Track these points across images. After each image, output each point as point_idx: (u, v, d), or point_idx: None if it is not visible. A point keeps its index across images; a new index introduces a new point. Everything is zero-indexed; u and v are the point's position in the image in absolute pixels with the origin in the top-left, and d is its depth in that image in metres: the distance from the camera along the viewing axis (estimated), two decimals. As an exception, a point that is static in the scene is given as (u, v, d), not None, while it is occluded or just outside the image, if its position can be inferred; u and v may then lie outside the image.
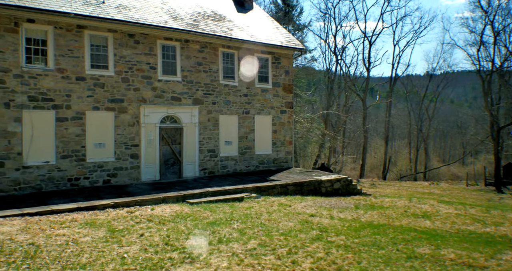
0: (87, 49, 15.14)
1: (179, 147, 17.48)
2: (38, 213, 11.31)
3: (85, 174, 15.19)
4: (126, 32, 15.97)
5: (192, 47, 17.74)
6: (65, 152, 14.75)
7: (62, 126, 14.70)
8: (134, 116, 16.26)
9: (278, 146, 20.87)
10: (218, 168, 18.68)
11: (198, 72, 17.96)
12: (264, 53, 20.16)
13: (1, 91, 13.55)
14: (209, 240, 9.48)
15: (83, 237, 9.34)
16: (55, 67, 14.52)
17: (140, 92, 16.39)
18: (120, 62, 15.88)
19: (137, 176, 16.36)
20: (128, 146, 16.14)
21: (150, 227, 10.45)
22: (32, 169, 14.12)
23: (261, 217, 12.21)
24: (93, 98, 15.31)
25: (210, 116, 18.40)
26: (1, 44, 13.52)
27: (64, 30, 14.65)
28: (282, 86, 20.93)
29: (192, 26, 17.58)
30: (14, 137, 13.81)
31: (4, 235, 9.15)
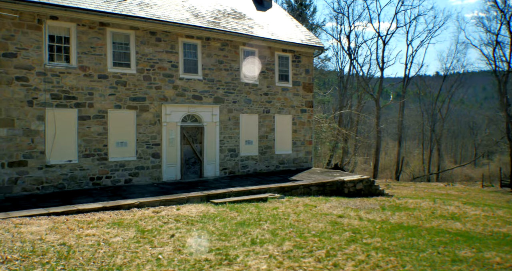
0: (109, 46, 14.95)
1: (200, 146, 17.26)
2: (64, 213, 11.12)
3: (107, 173, 15.00)
4: (148, 29, 15.77)
5: (213, 45, 17.51)
6: (87, 151, 14.58)
7: (85, 124, 14.52)
8: (155, 114, 16.05)
9: (298, 146, 20.57)
10: (239, 168, 18.43)
11: (219, 71, 17.72)
12: (285, 52, 19.88)
13: (24, 89, 13.40)
14: (242, 241, 9.22)
15: (113, 237, 9.12)
16: (78, 65, 14.35)
17: (162, 91, 16.18)
18: (142, 60, 15.68)
19: (158, 176, 16.14)
20: (150, 145, 15.94)
21: (179, 228, 10.21)
22: (54, 168, 13.95)
23: (289, 218, 11.94)
24: (115, 97, 15.13)
25: (231, 115, 18.15)
26: (24, 41, 13.37)
27: (87, 28, 14.48)
28: (302, 85, 20.63)
29: (213, 24, 17.34)
30: (37, 135, 13.66)
31: (33, 235, 8.96)
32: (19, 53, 13.29)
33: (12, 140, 13.23)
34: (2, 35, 13.03)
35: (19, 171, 13.34)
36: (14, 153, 13.26)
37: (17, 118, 13.31)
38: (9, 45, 13.15)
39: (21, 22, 13.31)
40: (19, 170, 13.34)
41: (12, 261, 7.30)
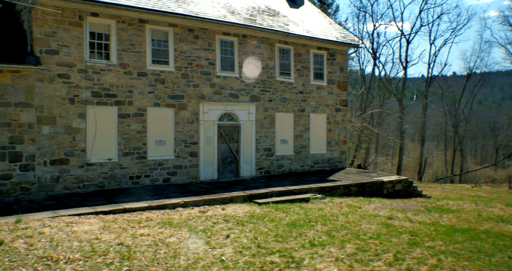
0: (148, 44, 14.75)
1: (236, 145, 16.97)
2: (111, 212, 10.91)
3: (146, 172, 14.79)
4: (186, 26, 15.54)
5: (249, 43, 17.21)
6: (127, 150, 14.39)
7: (124, 122, 14.34)
8: (193, 113, 15.81)
9: (333, 146, 20.17)
10: (274, 167, 18.10)
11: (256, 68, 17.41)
12: (320, 49, 19.50)
13: (66, 86, 13.26)
14: (300, 242, 8.89)
15: (168, 237, 8.86)
16: (118, 62, 14.17)
17: (199, 89, 15.94)
18: (180, 58, 15.45)
19: (196, 175, 15.90)
20: (187, 143, 15.70)
21: (231, 228, 9.92)
22: (95, 166, 13.78)
23: (338, 219, 11.58)
24: (154, 94, 14.92)
25: (267, 114, 17.83)
26: (66, 38, 13.22)
27: (126, 25, 14.29)
28: (336, 83, 20.23)
29: (249, 21, 17.05)
30: (78, 133, 13.50)
31: (88, 234, 8.74)
32: (61, 50, 13.15)
33: (54, 138, 13.10)
34: (45, 32, 12.89)
35: (61, 169, 13.19)
36: (56, 151, 13.12)
37: (59, 115, 13.16)
38: (51, 42, 13.01)
39: (62, 19, 13.17)
40: (60, 168, 13.19)
41: (75, 261, 7.07)
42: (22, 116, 12.56)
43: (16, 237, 8.18)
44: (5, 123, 12.30)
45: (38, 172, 12.81)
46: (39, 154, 12.82)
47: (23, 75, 12.54)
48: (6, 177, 12.33)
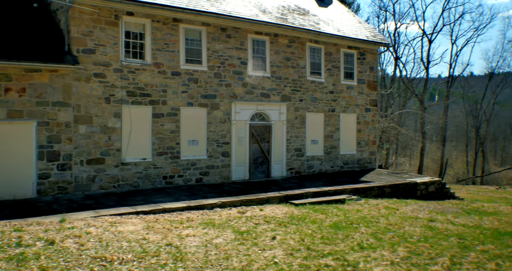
0: (182, 43, 14.68)
1: (267, 145, 16.81)
2: (151, 212, 10.84)
3: (179, 172, 14.73)
4: (219, 26, 15.44)
5: (281, 42, 17.05)
6: (160, 149, 14.33)
7: (158, 122, 14.28)
8: (225, 112, 15.70)
9: (363, 146, 19.90)
10: (304, 168, 17.90)
11: (286, 68, 17.24)
12: (350, 48, 19.25)
13: (102, 86, 13.25)
14: (349, 245, 8.69)
15: (214, 238, 8.74)
16: (152, 62, 14.12)
17: (232, 88, 15.83)
18: (212, 57, 15.36)
19: (227, 175, 15.78)
20: (220, 143, 15.60)
21: (274, 229, 9.77)
22: (130, 166, 13.75)
23: (380, 221, 11.34)
24: (187, 94, 14.85)
25: (297, 114, 17.64)
26: (102, 37, 13.21)
27: (161, 24, 14.24)
28: (366, 83, 19.95)
29: (281, 20, 16.88)
30: (114, 133, 13.48)
31: (134, 234, 8.66)
32: (97, 50, 13.14)
33: (91, 137, 13.09)
34: (82, 31, 12.90)
35: (97, 169, 13.19)
36: (92, 151, 13.12)
37: (95, 115, 13.16)
38: (88, 41, 13.01)
39: (99, 18, 13.16)
40: (96, 168, 13.18)
41: (129, 262, 6.98)
42: (60, 115, 12.57)
43: (65, 236, 8.13)
44: (43, 122, 12.32)
45: (75, 172, 12.82)
46: (75, 153, 12.83)
47: (60, 75, 12.56)
48: (44, 177, 12.35)
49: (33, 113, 12.16)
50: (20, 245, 7.44)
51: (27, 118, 12.09)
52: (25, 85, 12.03)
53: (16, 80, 11.91)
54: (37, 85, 12.20)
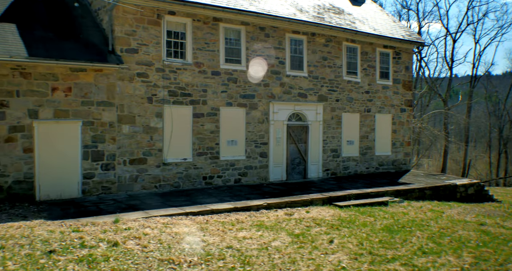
0: (221, 42, 14.58)
1: (304, 146, 16.63)
2: (200, 213, 10.75)
3: (218, 173, 14.63)
4: (258, 25, 15.30)
5: (318, 41, 16.85)
6: (200, 149, 14.25)
7: (198, 122, 14.20)
8: (264, 112, 15.56)
9: (397, 147, 19.59)
10: (340, 169, 17.68)
11: (323, 67, 17.04)
12: (386, 48, 18.96)
13: (144, 85, 13.20)
14: (410, 249, 8.48)
15: (272, 241, 8.60)
16: (193, 61, 14.04)
17: (270, 88, 15.68)
18: (251, 56, 15.22)
19: (265, 176, 15.64)
20: (258, 144, 15.46)
21: (328, 233, 9.59)
22: (171, 166, 13.69)
23: (430, 224, 11.11)
24: (226, 94, 14.74)
25: (334, 114, 17.42)
26: (145, 37, 13.17)
27: (201, 23, 14.15)
28: (402, 83, 19.64)
29: (318, 19, 16.68)
30: (156, 133, 13.43)
31: (191, 236, 8.56)
32: (140, 49, 13.10)
33: (133, 137, 13.06)
34: (125, 31, 12.86)
35: (139, 169, 13.15)
36: (135, 151, 13.08)
37: (138, 115, 13.12)
38: (131, 40, 12.97)
39: (142, 18, 13.11)
40: (139, 168, 13.14)
41: (197, 265, 6.88)
42: (104, 115, 12.55)
43: (125, 238, 8.06)
44: (88, 122, 12.32)
45: (118, 172, 12.79)
46: (119, 153, 12.80)
47: (105, 74, 12.54)
48: (89, 176, 12.35)
49: (78, 113, 12.16)
50: (84, 246, 7.39)
51: (73, 117, 12.09)
52: (70, 84, 12.03)
53: (63, 80, 11.91)
54: (82, 85, 12.20)
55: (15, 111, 11.30)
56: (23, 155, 11.42)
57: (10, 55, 10.93)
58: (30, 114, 11.49)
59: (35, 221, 9.18)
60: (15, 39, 11.59)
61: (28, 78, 11.45)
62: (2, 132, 11.16)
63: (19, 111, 11.35)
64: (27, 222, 9.09)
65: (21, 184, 11.42)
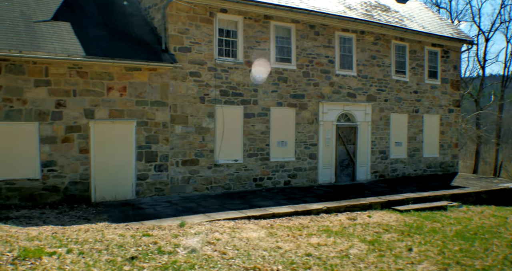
0: (272, 41, 14.21)
1: (353, 147, 16.15)
2: (261, 216, 10.39)
3: (268, 174, 14.27)
4: (308, 23, 14.89)
5: (367, 39, 16.35)
6: (251, 151, 13.91)
7: (249, 122, 13.86)
8: (313, 113, 15.14)
9: (445, 149, 18.96)
10: (388, 171, 17.15)
11: (372, 66, 16.54)
12: (434, 46, 18.36)
13: (196, 85, 12.92)
14: (497, 259, 7.98)
15: (348, 248, 8.20)
16: (244, 60, 13.70)
17: (319, 88, 15.25)
18: (301, 55, 14.83)
19: (314, 178, 15.23)
20: (307, 145, 15.05)
21: (401, 239, 9.14)
22: (222, 167, 13.39)
23: (501, 231, 10.56)
24: (277, 93, 14.37)
25: (382, 115, 16.91)
26: (197, 35, 12.88)
27: (252, 21, 13.81)
28: (450, 83, 19.00)
29: (367, 16, 16.19)
30: (208, 133, 13.14)
31: (263, 242, 8.20)
32: (193, 48, 12.82)
33: (186, 137, 12.79)
34: (178, 29, 12.59)
35: (191, 170, 12.87)
36: (187, 152, 12.81)
37: (190, 115, 12.84)
38: (184, 39, 12.70)
39: (194, 15, 12.83)
40: (191, 169, 12.86)
41: (286, 275, 6.51)
42: (158, 115, 12.30)
43: (196, 242, 7.74)
44: (142, 122, 12.08)
45: (171, 173, 12.54)
46: (171, 154, 12.54)
47: (159, 73, 12.29)
48: (143, 178, 12.11)
49: (132, 113, 11.93)
50: (162, 252, 7.09)
51: (127, 118, 11.87)
52: (125, 84, 11.81)
53: (118, 79, 11.70)
54: (136, 84, 11.97)
55: (72, 111, 11.13)
56: (79, 155, 11.24)
57: (68, 54, 10.75)
58: (86, 114, 11.30)
59: (100, 224, 8.95)
60: (71, 37, 11.42)
61: (85, 78, 11.25)
62: (59, 132, 10.99)
63: (75, 111, 11.17)
64: (93, 225, 8.85)
65: (77, 185, 11.24)
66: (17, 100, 10.47)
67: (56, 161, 10.94)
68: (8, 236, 7.40)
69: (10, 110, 10.41)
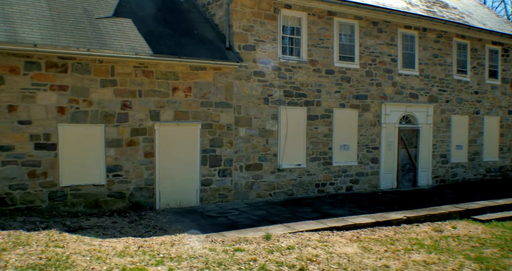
0: (335, 38, 13.46)
1: (414, 151, 15.33)
2: (343, 228, 9.67)
3: (331, 180, 13.54)
4: (371, 19, 14.10)
5: (429, 37, 15.50)
6: (314, 154, 13.19)
7: (312, 125, 13.14)
8: (375, 114, 14.36)
9: (504, 152, 18.02)
10: (449, 176, 16.29)
11: (434, 66, 15.68)
12: (495, 44, 17.43)
13: (261, 85, 12.23)
14: None
15: (460, 267, 7.42)
16: (308, 59, 12.98)
17: (382, 88, 14.46)
18: (364, 54, 14.05)
19: (376, 183, 14.45)
20: (369, 148, 14.28)
21: (507, 256, 8.33)
22: (285, 172, 12.69)
23: None
24: (340, 94, 13.62)
25: (443, 116, 16.05)
26: (262, 32, 12.18)
27: (316, 17, 13.07)
28: (510, 83, 18.04)
29: (431, 12, 15.34)
30: (271, 136, 12.45)
31: (366, 259, 7.47)
32: (257, 46, 12.13)
33: (249, 141, 12.11)
34: (243, 26, 11.91)
35: (255, 175, 12.19)
36: (251, 156, 12.13)
37: (254, 116, 12.16)
38: (249, 37, 12.01)
39: (259, 12, 12.14)
40: (254, 174, 12.19)
41: (418, 302, 5.78)
42: (222, 117, 11.64)
43: (297, 260, 7.05)
44: (207, 124, 11.43)
45: (235, 178, 11.87)
46: (235, 158, 11.87)
47: (223, 73, 11.62)
48: (207, 183, 11.47)
49: (197, 115, 11.28)
50: None
51: (192, 119, 11.23)
52: (190, 84, 11.16)
53: (183, 79, 11.05)
54: (201, 85, 11.31)
55: (137, 113, 10.51)
56: (144, 159, 10.62)
57: (136, 52, 10.13)
58: (152, 115, 10.67)
59: (179, 235, 8.31)
60: (135, 35, 10.80)
61: (150, 77, 10.63)
62: (125, 135, 10.38)
63: (141, 112, 10.55)
64: (172, 236, 8.23)
65: (142, 191, 10.63)
66: (83, 101, 9.89)
67: (121, 166, 10.34)
68: (95, 250, 6.79)
69: (76, 111, 9.83)
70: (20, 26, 9.40)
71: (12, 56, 9.13)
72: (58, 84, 9.61)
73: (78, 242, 7.17)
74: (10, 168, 9.22)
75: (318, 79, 13.17)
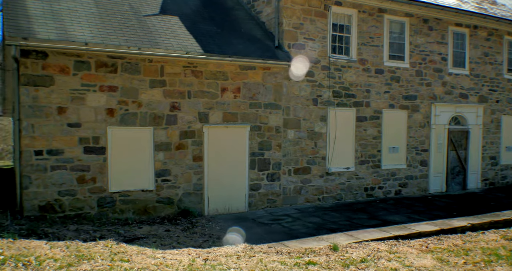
0: (385, 36, 12.87)
1: (464, 153, 14.65)
2: (408, 236, 9.11)
3: (379, 183, 12.95)
4: (422, 16, 13.46)
5: (479, 35, 14.79)
6: (362, 157, 12.62)
7: (361, 126, 12.57)
8: (425, 115, 13.72)
9: (555, 155, 17.19)
10: (498, 178, 15.57)
11: (484, 64, 14.97)
12: (545, 42, 16.60)
13: (310, 85, 11.70)
14: None
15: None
16: (357, 58, 12.40)
17: (432, 88, 13.81)
18: (414, 52, 13.42)
19: (425, 187, 13.82)
20: (418, 151, 13.65)
21: None
22: (333, 176, 12.15)
23: None
24: (389, 94, 13.02)
25: (493, 117, 15.32)
26: (311, 30, 11.65)
27: (366, 15, 12.49)
28: (561, 82, 17.20)
29: (482, 9, 14.62)
30: (320, 138, 11.92)
31: (446, 274, 6.91)
32: (307, 44, 11.59)
33: (298, 143, 11.59)
34: (293, 24, 11.39)
35: (303, 179, 11.68)
36: (299, 159, 11.61)
37: (303, 118, 11.64)
38: (298, 35, 11.49)
39: (309, 9, 11.61)
40: (303, 178, 11.67)
41: None
42: (271, 118, 11.14)
43: (377, 276, 6.53)
44: (256, 126, 10.94)
45: (283, 182, 11.37)
46: (284, 161, 11.37)
47: (272, 73, 11.12)
48: (255, 188, 10.98)
49: (246, 116, 10.80)
50: (353, 290, 5.90)
51: (241, 122, 10.75)
52: (239, 84, 10.68)
53: (232, 79, 10.58)
54: (250, 85, 10.83)
55: (186, 115, 10.07)
56: (193, 164, 10.18)
57: (186, 51, 9.68)
58: (200, 117, 10.22)
59: (241, 246, 7.84)
60: (184, 33, 10.35)
61: (200, 77, 10.18)
62: (174, 138, 9.95)
63: (190, 114, 10.10)
64: (234, 247, 7.76)
65: (190, 197, 10.19)
66: (132, 103, 9.47)
67: (170, 170, 9.91)
68: (162, 265, 6.34)
69: (125, 113, 9.42)
70: (70, 24, 9.03)
71: (62, 55, 8.76)
72: (108, 84, 9.21)
73: (140, 255, 6.74)
74: (59, 173, 8.85)
75: (368, 79, 12.59)
